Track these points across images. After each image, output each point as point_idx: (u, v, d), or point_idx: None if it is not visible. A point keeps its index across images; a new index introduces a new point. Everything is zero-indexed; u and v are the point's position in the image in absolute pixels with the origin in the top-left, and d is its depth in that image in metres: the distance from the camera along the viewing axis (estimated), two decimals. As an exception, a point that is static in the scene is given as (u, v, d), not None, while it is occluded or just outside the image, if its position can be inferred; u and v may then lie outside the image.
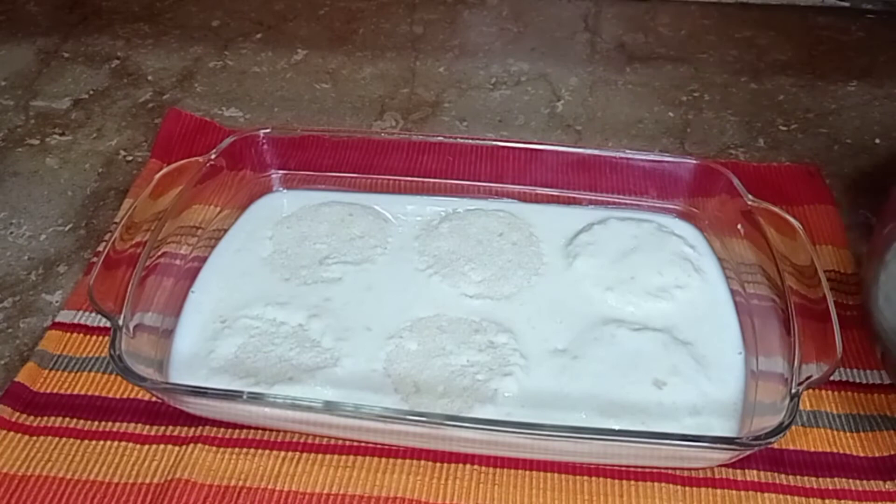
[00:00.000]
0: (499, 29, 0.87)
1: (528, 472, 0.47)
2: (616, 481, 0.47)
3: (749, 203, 0.55)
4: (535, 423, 0.44)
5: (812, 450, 0.48)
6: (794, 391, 0.43)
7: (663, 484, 0.46)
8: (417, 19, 0.88)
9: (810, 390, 0.48)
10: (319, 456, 0.48)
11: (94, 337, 0.54)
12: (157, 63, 0.81)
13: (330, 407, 0.44)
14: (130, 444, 0.48)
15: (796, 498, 0.46)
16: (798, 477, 0.47)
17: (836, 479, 0.47)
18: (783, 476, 0.47)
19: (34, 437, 0.48)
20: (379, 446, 0.48)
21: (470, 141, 0.63)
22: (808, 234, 0.51)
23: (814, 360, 0.45)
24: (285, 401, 0.44)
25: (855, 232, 0.61)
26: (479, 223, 0.60)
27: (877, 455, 0.48)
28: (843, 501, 0.46)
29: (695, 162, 0.60)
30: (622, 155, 0.61)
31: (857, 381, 0.52)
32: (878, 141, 0.72)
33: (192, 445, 0.48)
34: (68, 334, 0.54)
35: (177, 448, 0.48)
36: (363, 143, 0.64)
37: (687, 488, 0.46)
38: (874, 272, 0.47)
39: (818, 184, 0.65)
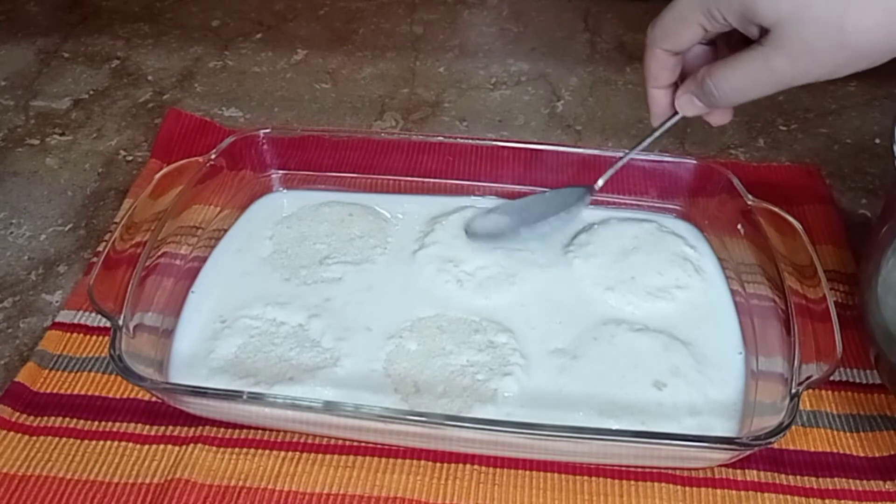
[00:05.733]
0: (499, 29, 0.87)
1: (528, 472, 0.47)
2: (616, 481, 0.47)
3: (749, 203, 0.55)
4: (535, 423, 0.44)
5: (812, 450, 0.48)
6: (794, 391, 0.43)
7: (663, 484, 0.46)
8: (417, 19, 0.88)
9: (810, 390, 0.48)
10: (319, 456, 0.48)
11: (94, 337, 0.54)
12: (157, 63, 0.81)
13: (330, 407, 0.44)
14: (130, 444, 0.48)
15: (796, 498, 0.46)
16: (798, 477, 0.47)
17: (836, 479, 0.47)
18: (783, 476, 0.47)
19: (34, 437, 0.48)
20: (379, 446, 0.48)
21: (470, 141, 0.63)
22: (808, 234, 0.52)
23: (814, 360, 0.45)
24: (285, 401, 0.44)
25: (855, 232, 0.61)
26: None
27: (876, 455, 0.48)
28: (843, 501, 0.46)
29: (695, 162, 0.60)
30: (622, 155, 0.61)
31: (857, 381, 0.52)
32: (878, 141, 0.72)
33: (192, 445, 0.48)
34: (68, 334, 0.54)
35: (177, 448, 0.48)
36: (363, 143, 0.64)
37: (687, 488, 0.46)
38: (869, 275, 0.47)
39: (818, 184, 0.65)
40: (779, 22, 0.40)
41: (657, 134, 0.50)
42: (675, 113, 0.49)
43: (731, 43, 0.45)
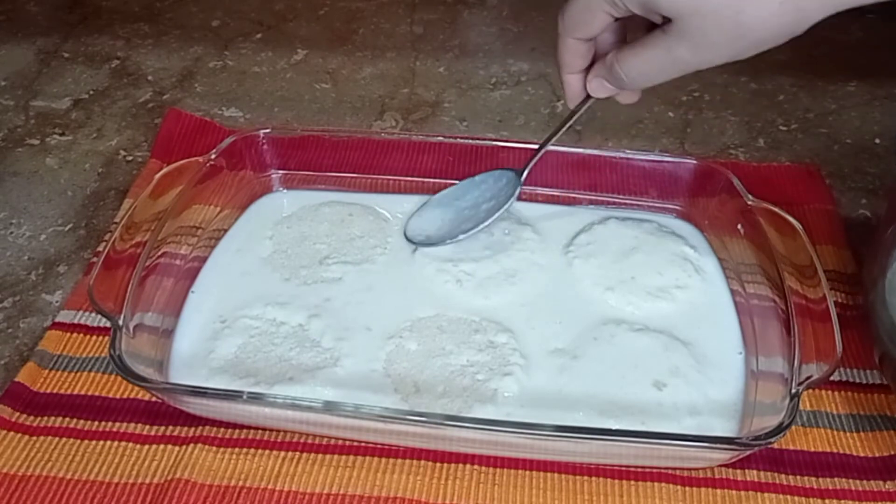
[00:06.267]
0: (499, 29, 0.87)
1: (528, 472, 0.47)
2: (616, 481, 0.47)
3: (749, 203, 0.55)
4: (535, 423, 0.44)
5: (812, 450, 0.48)
6: (794, 391, 0.43)
7: (663, 484, 0.46)
8: (417, 19, 0.88)
9: (810, 390, 0.48)
10: (319, 456, 0.48)
11: (94, 337, 0.54)
12: (157, 63, 0.81)
13: (330, 407, 0.44)
14: (130, 444, 0.48)
15: (796, 498, 0.46)
16: (798, 477, 0.47)
17: (836, 479, 0.47)
18: (783, 476, 0.47)
19: (34, 437, 0.48)
20: (379, 446, 0.48)
21: (470, 141, 0.63)
22: (808, 234, 0.52)
23: (814, 360, 0.45)
24: (285, 401, 0.44)
25: (855, 232, 0.61)
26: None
27: (877, 455, 0.48)
28: (843, 501, 0.46)
29: (695, 162, 0.60)
30: (622, 155, 0.61)
31: (858, 381, 0.52)
32: (878, 141, 0.72)
33: (192, 445, 0.48)
34: (68, 334, 0.54)
35: (177, 448, 0.48)
36: (363, 143, 0.64)
37: (687, 488, 0.46)
38: (875, 275, 0.47)
39: (818, 184, 0.65)
40: (679, 15, 0.41)
41: (574, 118, 0.52)
42: (589, 97, 0.50)
43: (638, 25, 0.46)
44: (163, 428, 0.49)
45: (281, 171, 0.63)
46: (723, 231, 0.58)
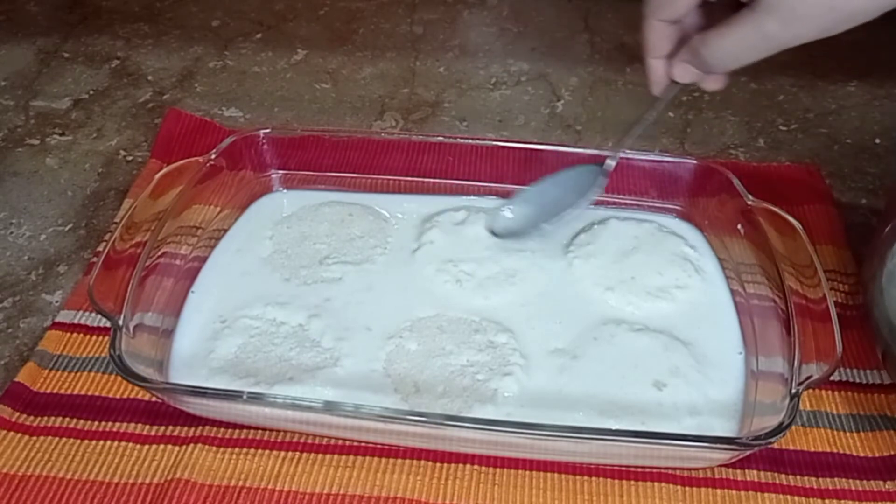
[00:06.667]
0: (499, 29, 0.87)
1: (528, 472, 0.47)
2: (616, 481, 0.47)
3: (749, 203, 0.55)
4: (535, 423, 0.44)
5: (812, 450, 0.48)
6: (794, 391, 0.43)
7: (663, 484, 0.46)
8: (417, 19, 0.88)
9: (810, 390, 0.48)
10: (319, 456, 0.48)
11: (94, 337, 0.54)
12: (157, 63, 0.81)
13: (330, 407, 0.44)
14: (130, 444, 0.48)
15: (796, 498, 0.46)
16: (798, 477, 0.47)
17: (836, 479, 0.47)
18: (783, 476, 0.47)
19: (34, 437, 0.48)
20: (379, 446, 0.48)
21: (470, 141, 0.63)
22: (808, 234, 0.51)
23: (814, 360, 0.45)
24: (285, 401, 0.44)
25: (855, 232, 0.61)
26: (479, 223, 0.60)
27: (877, 455, 0.48)
28: (843, 501, 0.46)
29: (695, 162, 0.60)
30: (622, 155, 0.61)
31: (858, 381, 0.52)
32: (878, 141, 0.72)
33: (192, 445, 0.48)
34: (68, 334, 0.54)
35: (177, 448, 0.48)
36: (363, 143, 0.64)
37: (687, 488, 0.46)
38: (875, 272, 0.47)
39: (818, 184, 0.65)
40: None
41: (661, 106, 0.51)
42: (674, 83, 0.49)
43: (722, 9, 0.45)
44: (163, 428, 0.49)
45: (281, 171, 0.63)
46: (723, 231, 0.58)
